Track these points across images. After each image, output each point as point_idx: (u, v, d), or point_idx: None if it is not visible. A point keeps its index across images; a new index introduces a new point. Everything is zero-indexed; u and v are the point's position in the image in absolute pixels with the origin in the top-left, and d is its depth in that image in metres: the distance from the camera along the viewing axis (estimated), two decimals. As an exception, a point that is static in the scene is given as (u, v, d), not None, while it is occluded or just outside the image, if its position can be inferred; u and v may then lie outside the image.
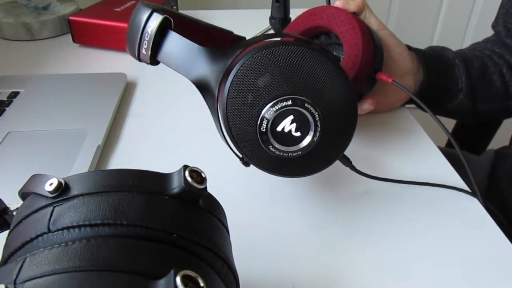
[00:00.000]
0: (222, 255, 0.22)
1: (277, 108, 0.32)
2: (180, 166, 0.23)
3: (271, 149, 0.33)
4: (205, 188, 0.23)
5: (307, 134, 0.33)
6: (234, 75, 0.32)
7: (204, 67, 0.34)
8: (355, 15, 0.46)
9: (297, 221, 0.38)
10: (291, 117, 0.33)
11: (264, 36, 0.37)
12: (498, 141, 0.79)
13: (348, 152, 0.38)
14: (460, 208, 0.40)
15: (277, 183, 0.42)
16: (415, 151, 0.47)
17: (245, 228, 0.37)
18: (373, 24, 0.47)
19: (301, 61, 0.32)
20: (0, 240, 0.23)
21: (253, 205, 0.39)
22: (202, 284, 0.18)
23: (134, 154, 0.46)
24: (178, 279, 0.17)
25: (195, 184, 0.22)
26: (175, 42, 0.35)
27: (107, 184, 0.21)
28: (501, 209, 0.48)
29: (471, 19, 1.46)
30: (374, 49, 0.44)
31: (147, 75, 0.62)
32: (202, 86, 0.35)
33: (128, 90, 0.58)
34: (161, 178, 0.22)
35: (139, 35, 0.36)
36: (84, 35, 0.69)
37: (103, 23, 0.67)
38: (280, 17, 0.66)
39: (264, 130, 0.33)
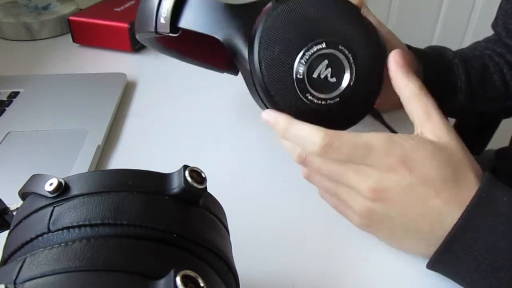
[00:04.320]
0: (222, 255, 0.22)
1: (311, 52, 0.32)
2: (180, 166, 0.23)
3: (309, 97, 0.33)
4: (205, 188, 0.23)
5: (342, 78, 0.33)
6: (264, 26, 0.33)
7: (230, 24, 0.34)
8: None
9: (297, 221, 0.38)
10: (326, 62, 0.33)
11: None
12: (498, 141, 0.79)
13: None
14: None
15: (278, 183, 0.42)
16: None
17: (245, 228, 0.37)
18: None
19: (329, 7, 0.33)
20: (0, 240, 0.23)
21: (253, 205, 0.39)
22: (202, 284, 0.18)
23: (134, 154, 0.46)
24: (178, 279, 0.17)
25: (195, 184, 0.22)
26: (197, 3, 0.35)
27: (107, 184, 0.21)
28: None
29: (471, 19, 1.46)
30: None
31: (147, 75, 0.62)
32: (231, 44, 0.35)
33: (128, 90, 0.58)
34: (161, 178, 0.22)
35: (156, 5, 0.36)
36: (84, 35, 0.69)
37: (103, 23, 0.67)
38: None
39: (301, 77, 0.32)
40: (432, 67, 0.53)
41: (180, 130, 0.50)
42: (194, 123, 0.51)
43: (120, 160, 0.45)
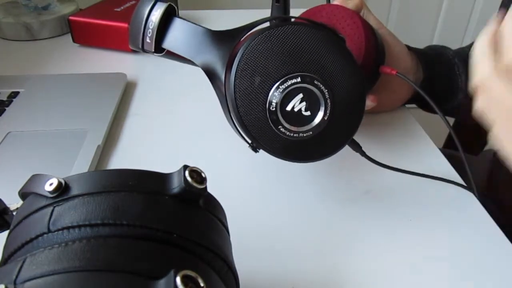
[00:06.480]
0: (222, 255, 0.22)
1: (286, 85, 0.32)
2: (180, 166, 0.23)
3: (281, 129, 0.33)
4: (205, 188, 0.23)
5: (317, 113, 0.33)
6: (241, 56, 0.32)
7: (210, 50, 0.34)
8: None
9: (298, 221, 0.38)
10: (300, 95, 0.32)
11: (269, 18, 0.37)
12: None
13: (347, 151, 0.38)
14: (459, 204, 0.40)
15: (278, 184, 0.42)
16: (415, 151, 0.47)
17: (245, 228, 0.37)
18: (371, 23, 0.47)
19: (308, 40, 0.32)
20: (0, 240, 0.23)
21: (253, 205, 0.39)
22: (202, 284, 0.18)
23: (134, 154, 0.46)
24: (178, 279, 0.17)
25: (195, 184, 0.22)
26: (180, 27, 0.35)
27: (107, 184, 0.21)
28: (500, 211, 0.48)
29: (471, 19, 1.46)
30: (376, 43, 0.44)
31: (147, 75, 0.62)
32: (209, 70, 0.35)
33: (128, 90, 0.58)
34: (161, 178, 0.22)
35: (143, 24, 0.36)
36: (84, 35, 0.69)
37: (103, 23, 0.67)
38: (280, 17, 0.66)
39: (273, 109, 0.32)
40: (432, 67, 0.53)
41: (180, 130, 0.50)
42: (194, 123, 0.51)
43: (120, 160, 0.45)
